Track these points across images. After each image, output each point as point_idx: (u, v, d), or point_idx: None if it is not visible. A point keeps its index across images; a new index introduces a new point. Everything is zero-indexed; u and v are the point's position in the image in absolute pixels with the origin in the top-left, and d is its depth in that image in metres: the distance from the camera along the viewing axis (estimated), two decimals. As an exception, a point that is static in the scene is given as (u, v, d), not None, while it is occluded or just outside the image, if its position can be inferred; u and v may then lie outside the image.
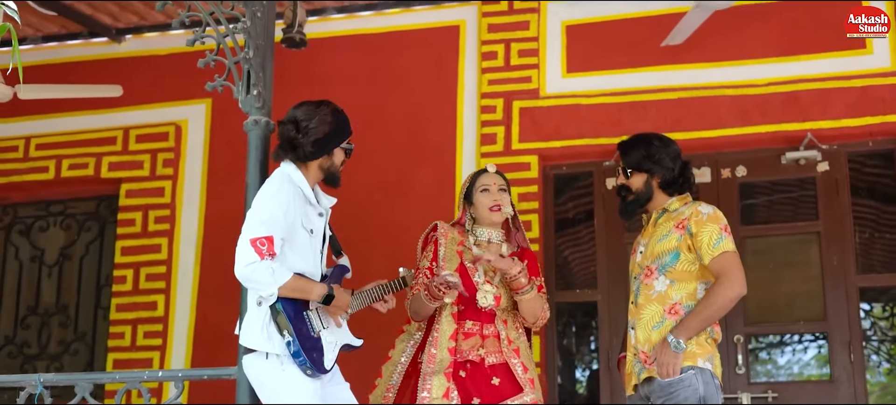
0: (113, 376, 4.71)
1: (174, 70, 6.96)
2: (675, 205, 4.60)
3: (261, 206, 4.08)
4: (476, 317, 4.67)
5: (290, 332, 3.99)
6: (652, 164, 4.60)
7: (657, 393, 4.36)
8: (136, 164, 6.99)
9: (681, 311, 4.41)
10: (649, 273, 4.51)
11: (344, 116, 4.37)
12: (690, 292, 4.45)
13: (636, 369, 4.49)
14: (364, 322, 4.55)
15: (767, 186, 6.41)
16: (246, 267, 3.96)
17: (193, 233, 6.79)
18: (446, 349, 4.60)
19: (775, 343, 6.40)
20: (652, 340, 4.42)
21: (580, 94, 6.45)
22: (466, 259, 4.78)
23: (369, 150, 6.33)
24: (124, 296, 6.77)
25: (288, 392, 4.00)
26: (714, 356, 4.42)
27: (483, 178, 4.89)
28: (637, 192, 4.65)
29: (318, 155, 4.25)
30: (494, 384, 4.58)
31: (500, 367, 4.62)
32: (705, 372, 4.33)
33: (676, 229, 4.48)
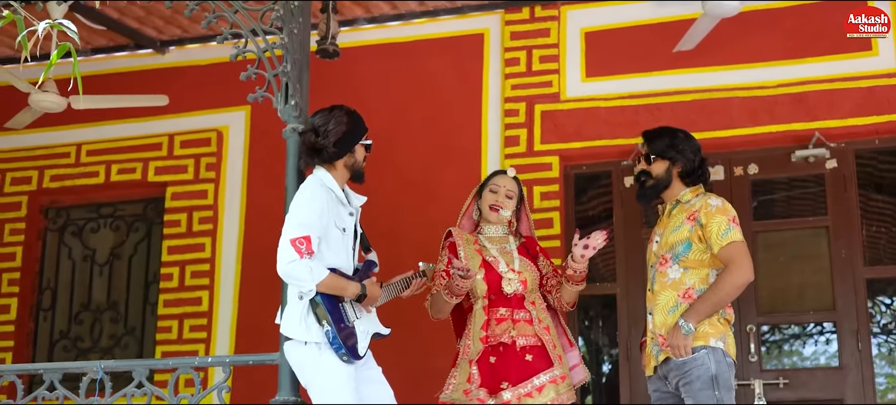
0: (166, 362, 5.04)
1: (215, 79, 7.27)
2: (687, 196, 4.88)
3: (298, 210, 4.44)
4: (506, 303, 5.03)
5: (329, 323, 4.35)
6: (675, 152, 4.88)
7: (673, 372, 4.66)
8: (181, 169, 7.29)
9: (694, 296, 4.70)
10: (664, 261, 4.81)
11: (357, 116, 4.71)
12: (703, 278, 4.73)
13: (654, 352, 4.79)
14: (389, 312, 4.88)
15: (778, 183, 6.63)
16: (287, 264, 4.32)
17: (235, 232, 7.08)
18: (478, 338, 4.96)
19: (786, 332, 6.62)
20: (668, 323, 4.71)
21: (599, 98, 6.70)
22: (486, 254, 5.13)
23: (398, 152, 6.70)
24: (171, 292, 7.08)
25: (326, 375, 4.36)
26: (726, 335, 4.69)
27: (497, 179, 5.26)
28: (657, 178, 4.92)
29: (341, 154, 4.60)
30: (527, 360, 4.93)
31: (534, 347, 4.97)
32: (717, 351, 4.61)
33: (688, 220, 4.77)
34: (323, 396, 4.36)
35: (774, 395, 6.15)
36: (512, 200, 5.20)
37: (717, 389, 4.56)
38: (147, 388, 4.70)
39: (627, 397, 6.40)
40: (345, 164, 4.64)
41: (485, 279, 5.06)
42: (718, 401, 4.54)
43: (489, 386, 4.89)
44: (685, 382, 4.62)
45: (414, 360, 6.06)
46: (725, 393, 4.59)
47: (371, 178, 6.10)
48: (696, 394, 4.58)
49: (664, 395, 4.81)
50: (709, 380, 4.57)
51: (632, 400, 6.37)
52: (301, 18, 4.94)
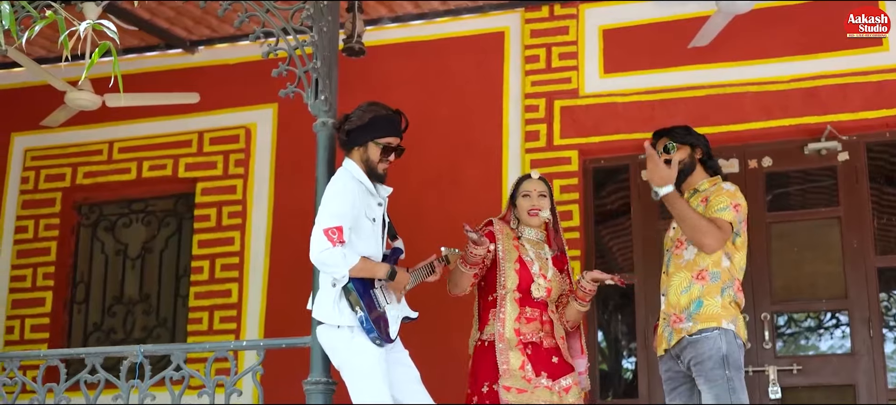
0: (203, 346, 5.27)
1: (243, 78, 7.46)
2: (705, 185, 5.06)
3: (330, 200, 4.63)
4: (534, 304, 5.21)
5: (361, 308, 4.55)
6: (693, 138, 5.08)
7: (686, 351, 4.82)
8: (210, 165, 7.48)
9: (707, 276, 4.85)
10: (679, 244, 4.98)
11: (385, 117, 4.84)
12: (716, 260, 4.87)
13: (666, 333, 4.96)
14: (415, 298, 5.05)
15: (791, 175, 6.79)
16: (321, 253, 4.52)
17: (263, 226, 7.25)
18: (512, 329, 5.14)
19: (800, 320, 6.77)
20: (681, 304, 4.87)
21: (616, 93, 6.87)
22: (523, 253, 5.30)
23: (422, 147, 6.72)
24: (201, 284, 7.27)
25: (358, 357, 4.56)
26: (737, 319, 4.85)
27: (525, 184, 5.40)
28: (682, 163, 5.06)
29: (351, 145, 4.77)
30: (554, 362, 5.14)
31: (555, 350, 5.18)
32: (728, 332, 4.77)
33: (701, 203, 4.95)
34: (356, 377, 4.56)
35: (788, 381, 6.31)
36: (546, 198, 5.35)
37: (727, 369, 4.72)
38: (184, 371, 4.89)
39: (645, 385, 6.56)
40: (359, 156, 4.80)
41: (518, 273, 5.22)
42: (729, 380, 4.72)
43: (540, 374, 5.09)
44: (697, 362, 4.79)
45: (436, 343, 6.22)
46: (735, 372, 4.74)
47: (396, 171, 6.15)
48: (707, 373, 4.74)
49: (676, 374, 4.99)
50: (720, 359, 4.73)
51: (649, 387, 6.52)
52: (330, 17, 5.13)
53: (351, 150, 4.81)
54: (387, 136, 4.84)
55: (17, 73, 7.85)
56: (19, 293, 7.66)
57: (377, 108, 4.85)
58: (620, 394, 7.13)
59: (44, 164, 7.84)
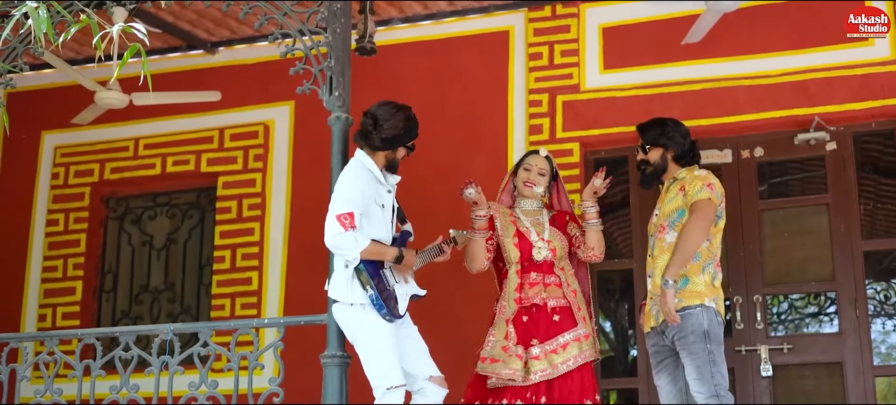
0: (228, 323, 5.59)
1: (262, 77, 7.71)
2: (682, 174, 5.40)
3: (342, 188, 4.96)
4: (538, 269, 5.58)
5: (372, 287, 4.89)
6: (666, 139, 5.40)
7: (670, 327, 5.19)
8: (231, 160, 7.73)
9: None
10: (662, 229, 5.34)
11: (414, 123, 5.17)
12: None
13: (653, 311, 5.33)
14: (420, 275, 5.35)
15: (782, 164, 7.01)
16: (334, 237, 4.86)
17: (282, 217, 7.50)
18: (513, 299, 5.52)
19: (791, 301, 7.00)
20: None
21: (616, 88, 7.10)
22: (520, 225, 5.64)
23: (431, 140, 6.77)
24: (223, 273, 7.52)
25: (369, 332, 4.93)
26: (718, 298, 5.21)
27: (531, 158, 5.78)
28: (654, 164, 5.45)
29: (385, 149, 5.08)
30: (555, 320, 5.48)
31: (562, 308, 5.52)
32: (710, 310, 5.14)
33: (680, 191, 5.30)
34: (367, 350, 4.93)
35: (779, 359, 6.58)
36: (544, 177, 5.70)
37: (708, 343, 5.10)
38: (211, 347, 5.25)
39: (644, 362, 6.78)
40: (386, 155, 5.11)
41: (518, 246, 5.58)
42: (710, 353, 5.08)
43: (523, 342, 5.43)
44: (680, 336, 5.16)
45: (448, 326, 6.46)
46: (716, 346, 5.12)
47: (408, 163, 6.36)
48: (690, 347, 5.12)
49: (662, 349, 5.36)
50: (702, 334, 5.11)
51: (648, 366, 6.58)
52: (343, 19, 5.46)
53: (379, 151, 5.07)
54: (413, 140, 5.19)
55: (47, 73, 8.06)
56: (51, 283, 7.88)
57: (408, 113, 5.14)
58: (620, 373, 7.39)
59: (73, 160, 8.07)
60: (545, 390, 5.40)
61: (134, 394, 5.29)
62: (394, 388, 4.84)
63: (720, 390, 5.09)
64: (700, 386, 5.10)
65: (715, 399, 5.06)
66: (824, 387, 6.65)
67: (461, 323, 6.40)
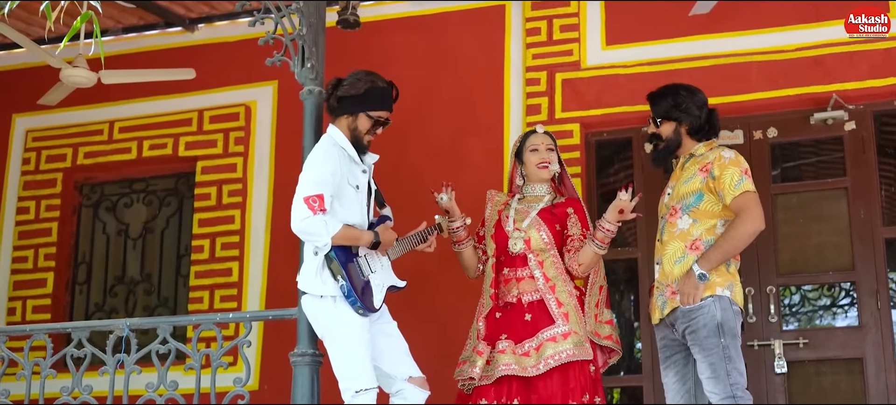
0: (190, 319, 5.23)
1: (243, 55, 7.37)
2: (700, 150, 4.98)
3: (311, 168, 4.58)
4: (511, 263, 5.19)
5: (343, 277, 4.49)
6: (679, 112, 4.98)
7: (680, 320, 4.76)
8: (211, 143, 7.43)
9: (701, 246, 4.79)
10: (674, 212, 4.91)
11: (380, 90, 4.79)
12: (710, 229, 4.82)
13: (660, 302, 4.90)
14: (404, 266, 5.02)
15: (797, 146, 6.70)
16: (302, 221, 4.47)
17: (263, 204, 7.21)
18: (488, 296, 5.17)
19: (806, 293, 6.69)
20: (674, 274, 4.82)
21: (618, 65, 6.77)
22: (503, 216, 5.28)
23: (423, 122, 6.83)
24: (202, 264, 7.23)
25: (340, 327, 4.52)
26: (733, 284, 4.78)
27: (532, 139, 5.40)
28: (667, 139, 5.02)
29: (341, 112, 4.70)
30: (527, 320, 5.07)
31: (537, 304, 5.10)
32: (723, 299, 4.70)
33: (700, 172, 4.86)
34: (337, 347, 4.52)
35: (794, 355, 6.22)
36: (553, 152, 5.37)
37: (722, 337, 4.65)
38: (171, 345, 4.85)
39: (648, 359, 6.48)
40: (347, 124, 4.74)
41: (494, 238, 5.24)
42: (724, 349, 4.63)
43: (490, 338, 5.05)
44: (691, 330, 4.73)
45: (432, 323, 6.21)
46: (731, 340, 4.67)
47: (397, 147, 6.33)
48: (701, 342, 4.68)
49: (671, 343, 4.92)
50: (715, 327, 4.66)
51: (653, 361, 6.37)
52: (316, -17, 5.08)
53: (339, 116, 4.73)
54: (379, 110, 4.78)
55: (18, 54, 7.82)
56: (21, 275, 7.64)
57: (373, 79, 4.79)
58: (624, 370, 7.06)
59: (45, 144, 7.82)
60: (520, 390, 4.99)
61: (87, 397, 4.90)
62: (364, 391, 4.43)
63: (737, 390, 4.65)
64: (714, 385, 4.66)
65: (731, 400, 4.63)
66: (843, 384, 6.32)
67: (448, 319, 6.06)
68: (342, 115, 4.73)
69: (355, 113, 4.72)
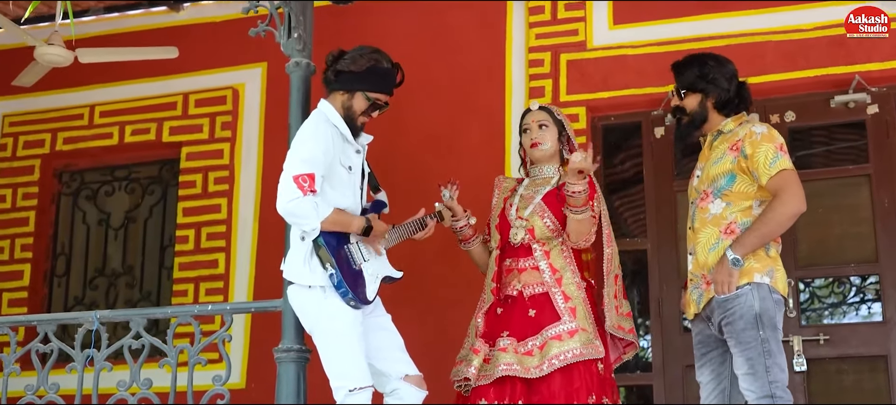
0: (166, 311, 4.89)
1: (231, 36, 7.12)
2: (729, 125, 4.63)
3: (301, 145, 4.22)
4: (513, 253, 4.86)
5: (332, 265, 4.14)
6: (706, 83, 4.62)
7: (716, 311, 4.40)
8: (196, 128, 7.18)
9: (736, 230, 4.44)
10: (705, 196, 4.56)
11: (383, 72, 4.47)
12: (745, 211, 4.47)
13: (695, 296, 4.56)
14: (402, 256, 4.70)
15: (817, 130, 6.43)
16: (289, 202, 4.12)
17: (251, 192, 6.96)
18: (490, 290, 4.83)
19: (826, 286, 6.42)
20: (709, 263, 4.46)
21: (627, 45, 6.51)
22: (507, 203, 4.97)
23: (420, 106, 6.58)
24: (187, 255, 6.97)
25: (330, 320, 4.16)
26: (774, 270, 4.43)
27: (525, 118, 5.11)
28: (692, 113, 4.67)
29: (337, 87, 4.38)
30: (530, 316, 4.73)
31: (540, 298, 4.75)
32: (762, 287, 4.34)
33: (731, 151, 4.51)
34: (327, 342, 4.18)
35: (814, 352, 5.95)
36: (547, 128, 5.02)
37: (761, 329, 4.30)
38: (145, 339, 4.50)
39: (659, 355, 6.20)
40: (342, 102, 4.42)
41: (498, 228, 4.92)
42: (763, 342, 4.28)
43: (489, 335, 4.73)
44: (727, 322, 4.38)
45: (431, 317, 5.92)
46: (771, 332, 4.32)
47: (392, 133, 6.09)
48: (738, 334, 4.33)
49: (707, 339, 4.58)
50: (753, 318, 4.31)
51: (664, 358, 6.17)
52: (302, -51, 4.73)
53: (334, 91, 4.41)
54: (378, 92, 4.45)
55: None
56: None
57: (378, 58, 4.47)
58: (632, 367, 6.71)
59: (22, 129, 7.55)
60: (523, 392, 4.62)
61: (53, 396, 4.56)
62: (358, 389, 4.07)
63: (777, 389, 4.27)
64: (751, 382, 4.29)
65: (769, 399, 4.26)
66: (866, 383, 6.06)
67: (446, 313, 5.78)
68: (337, 91, 4.41)
69: (352, 91, 4.40)
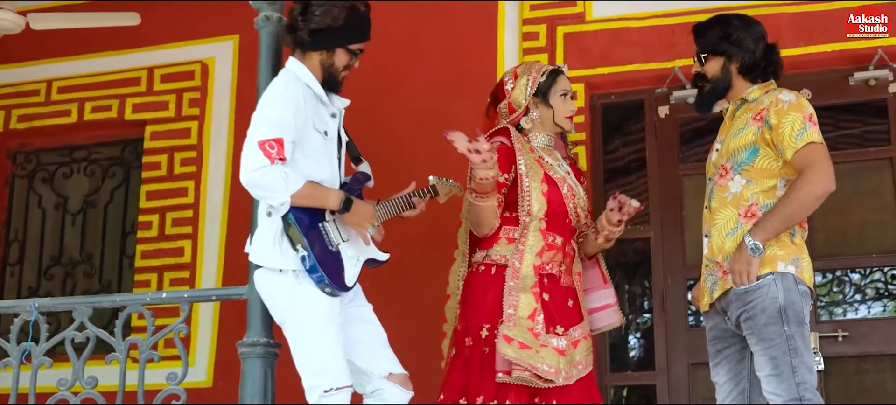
0: (113, 298, 4.38)
1: (200, 7, 6.77)
2: (754, 93, 4.22)
3: (268, 106, 3.78)
4: (560, 230, 4.45)
5: (304, 246, 3.68)
6: (729, 45, 4.23)
7: (734, 304, 3.99)
8: (161, 105, 6.84)
9: (758, 213, 4.02)
10: (724, 173, 4.14)
11: (361, 17, 4.07)
12: (768, 191, 4.05)
13: (709, 284, 4.15)
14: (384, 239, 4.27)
15: (834, 110, 6.06)
16: (254, 171, 3.66)
17: (221, 174, 6.65)
18: (531, 265, 4.33)
19: (845, 278, 6.08)
20: (726, 249, 4.05)
21: (629, 17, 6.16)
22: (549, 170, 4.52)
23: (405, 81, 6.30)
24: (150, 242, 6.63)
25: (303, 310, 3.70)
26: (800, 258, 4.01)
27: (564, 82, 4.72)
28: (714, 79, 4.27)
29: (316, 47, 3.94)
30: (568, 306, 4.37)
31: (571, 291, 4.44)
32: (787, 276, 3.93)
33: (754, 121, 4.10)
34: (299, 334, 3.70)
35: (832, 350, 5.61)
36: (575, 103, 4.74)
37: (786, 324, 3.87)
38: (90, 331, 4.01)
39: (663, 353, 5.83)
40: (320, 61, 3.98)
41: (546, 195, 4.44)
42: (788, 339, 3.86)
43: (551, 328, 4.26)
44: (747, 316, 3.94)
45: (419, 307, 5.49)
46: (796, 327, 3.89)
47: (375, 108, 5.85)
48: (759, 330, 3.90)
49: (723, 334, 4.15)
50: (776, 312, 3.88)
51: (668, 355, 5.81)
52: None
53: (310, 51, 3.97)
54: (360, 41, 4.06)
55: None
56: None
57: (353, 3, 4.04)
58: (633, 366, 6.42)
59: None
60: (557, 395, 4.19)
61: (-17, 394, 4.08)
62: (335, 390, 3.60)
63: (805, 390, 3.84)
64: (776, 384, 3.85)
65: (797, 401, 3.83)
66: (889, 384, 5.71)
67: (438, 303, 5.31)
68: (315, 50, 3.96)
69: (333, 48, 3.97)
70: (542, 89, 4.66)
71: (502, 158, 4.44)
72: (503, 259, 4.36)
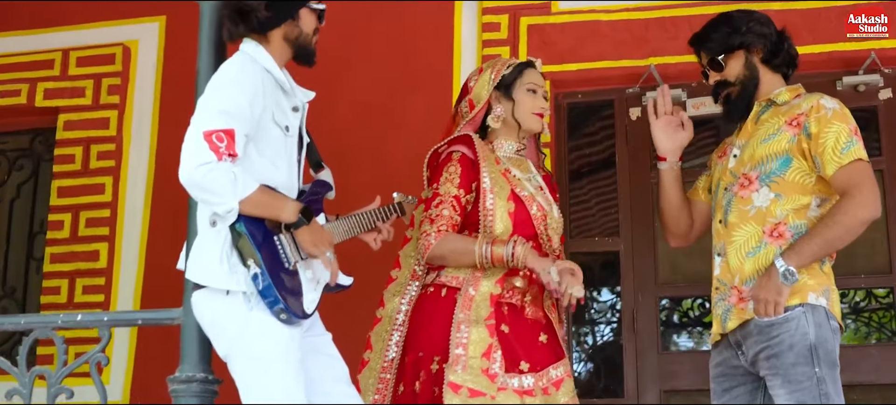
0: (16, 320, 3.79)
1: None
2: (784, 96, 3.82)
3: (218, 93, 3.22)
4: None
5: (257, 262, 3.11)
6: (743, 36, 3.86)
7: (753, 338, 3.56)
8: (77, 92, 6.52)
9: (787, 234, 3.59)
10: (747, 183, 3.70)
11: None
12: (800, 210, 3.62)
13: (721, 311, 3.70)
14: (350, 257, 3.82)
15: None
16: (197, 168, 3.07)
17: (143, 170, 6.37)
18: (488, 294, 3.82)
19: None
20: (744, 271, 3.60)
21: (599, 10, 5.95)
22: (516, 185, 3.98)
23: (353, 75, 6.13)
24: (61, 244, 6.30)
25: (258, 343, 3.14)
26: (830, 290, 3.60)
27: (532, 75, 4.18)
28: (739, 78, 3.86)
29: (278, 20, 3.42)
30: (542, 342, 3.86)
31: (543, 324, 3.93)
32: (819, 310, 3.52)
33: (789, 127, 3.68)
34: (252, 370, 3.14)
35: None
36: (547, 102, 4.21)
37: (816, 365, 3.45)
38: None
39: (632, 379, 5.56)
40: (284, 36, 3.46)
41: (512, 215, 3.92)
42: (819, 382, 3.44)
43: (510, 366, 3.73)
44: (770, 354, 3.49)
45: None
46: (828, 369, 3.48)
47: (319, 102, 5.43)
48: (786, 370, 3.46)
49: (733, 371, 3.71)
50: (806, 350, 3.46)
51: (638, 381, 5.54)
52: None
53: (269, 31, 3.46)
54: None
55: None
56: None
57: None
58: (600, 392, 6.12)
59: None
60: None
61: None
62: None
63: None
64: None
65: None
66: None
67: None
68: (277, 26, 3.46)
69: (296, 14, 3.47)
70: (506, 82, 4.14)
71: (463, 173, 3.95)
72: (455, 281, 3.86)
